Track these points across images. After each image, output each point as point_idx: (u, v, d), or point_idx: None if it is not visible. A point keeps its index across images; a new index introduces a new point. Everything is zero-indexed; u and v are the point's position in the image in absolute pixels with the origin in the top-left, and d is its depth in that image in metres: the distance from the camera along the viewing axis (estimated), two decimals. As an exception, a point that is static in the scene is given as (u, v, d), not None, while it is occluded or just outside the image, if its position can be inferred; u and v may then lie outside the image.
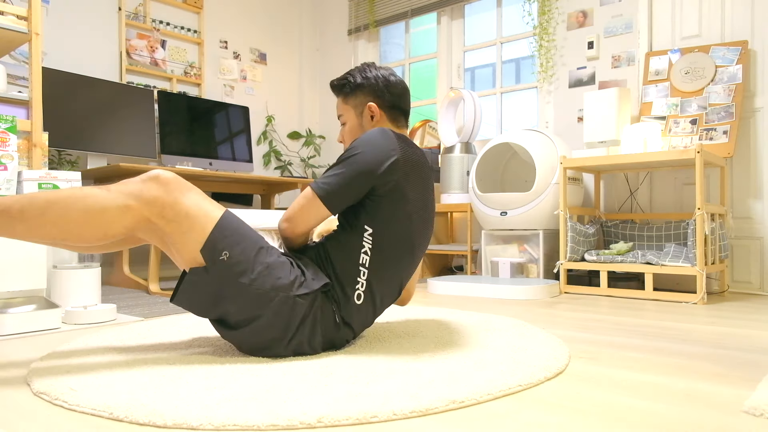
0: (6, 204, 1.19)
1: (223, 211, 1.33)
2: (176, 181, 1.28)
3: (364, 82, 1.60)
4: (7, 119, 2.12)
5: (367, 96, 1.60)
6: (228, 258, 1.28)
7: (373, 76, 1.60)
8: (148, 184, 1.26)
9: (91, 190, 1.24)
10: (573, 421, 0.94)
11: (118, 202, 1.23)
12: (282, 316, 1.31)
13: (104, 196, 1.23)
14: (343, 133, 1.65)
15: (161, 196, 1.25)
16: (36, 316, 1.75)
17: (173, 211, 1.26)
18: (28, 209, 1.19)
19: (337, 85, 1.64)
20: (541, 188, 3.09)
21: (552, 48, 3.58)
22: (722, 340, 1.67)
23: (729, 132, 2.85)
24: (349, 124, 1.62)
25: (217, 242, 1.28)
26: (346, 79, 1.62)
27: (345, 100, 1.63)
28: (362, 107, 1.60)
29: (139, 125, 3.48)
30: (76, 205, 1.21)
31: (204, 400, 1.01)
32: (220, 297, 1.30)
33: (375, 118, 1.59)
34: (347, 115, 1.63)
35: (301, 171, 4.76)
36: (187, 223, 1.27)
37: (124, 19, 3.65)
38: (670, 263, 2.61)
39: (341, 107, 1.64)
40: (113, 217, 1.23)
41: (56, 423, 0.93)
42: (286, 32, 4.75)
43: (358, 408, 0.96)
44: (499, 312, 2.19)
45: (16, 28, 2.25)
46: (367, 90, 1.60)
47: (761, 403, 1.00)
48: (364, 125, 1.60)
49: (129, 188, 1.26)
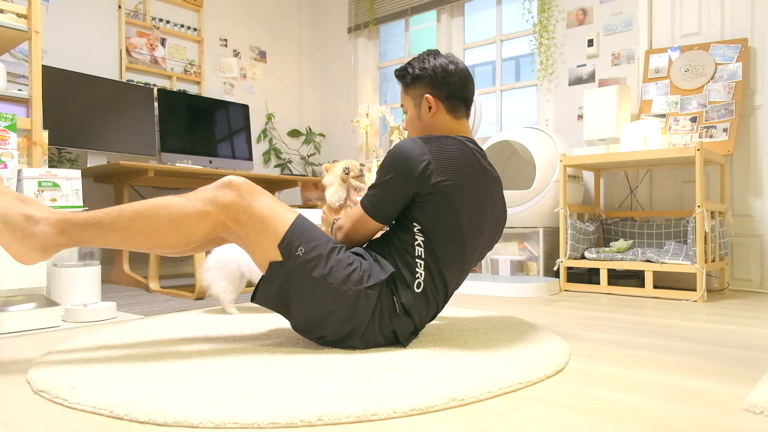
0: (98, 217, 1.31)
1: (297, 214, 1.43)
2: (248, 185, 1.38)
3: (421, 73, 1.59)
4: (6, 117, 2.12)
5: (425, 87, 1.59)
6: (303, 254, 1.35)
7: (431, 67, 1.58)
8: (222, 190, 1.35)
9: (172, 199, 1.35)
10: (573, 419, 0.94)
11: (196, 209, 1.33)
12: (355, 309, 1.36)
13: (183, 204, 1.33)
14: (405, 124, 1.68)
15: (236, 201, 1.35)
16: (36, 314, 1.75)
17: (247, 214, 1.35)
18: (118, 220, 1.30)
19: (398, 76, 1.65)
20: (541, 186, 3.09)
21: (552, 46, 3.57)
22: (722, 338, 1.67)
23: (729, 130, 2.84)
24: (409, 115, 1.64)
25: (294, 239, 1.36)
26: (406, 70, 1.62)
27: (405, 90, 1.64)
28: (420, 98, 1.60)
29: (139, 123, 3.48)
30: (159, 213, 1.32)
31: (204, 398, 1.01)
32: (296, 292, 1.36)
33: (432, 110, 1.58)
34: (407, 105, 1.64)
35: (301, 169, 4.76)
36: (261, 225, 1.36)
37: (123, 17, 3.64)
38: (670, 261, 2.61)
39: (403, 97, 1.65)
40: (193, 223, 1.33)
41: (56, 421, 0.93)
42: (286, 30, 4.75)
43: (358, 406, 0.97)
44: (499, 310, 2.19)
45: (16, 26, 2.24)
46: (425, 81, 1.59)
47: (761, 401, 1.00)
48: (422, 116, 1.60)
49: (205, 195, 1.35)
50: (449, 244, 1.45)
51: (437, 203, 1.43)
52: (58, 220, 1.29)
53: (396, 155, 1.44)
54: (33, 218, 1.28)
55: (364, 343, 1.42)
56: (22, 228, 1.27)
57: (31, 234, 1.28)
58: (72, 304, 2.01)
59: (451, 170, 1.44)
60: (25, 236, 1.28)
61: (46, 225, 1.28)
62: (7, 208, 1.28)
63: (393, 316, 1.42)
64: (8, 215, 1.27)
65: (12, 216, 1.27)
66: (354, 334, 1.40)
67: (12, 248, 1.28)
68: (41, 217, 1.29)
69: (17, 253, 1.29)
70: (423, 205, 1.43)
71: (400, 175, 1.42)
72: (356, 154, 4.64)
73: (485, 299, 2.55)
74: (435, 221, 1.44)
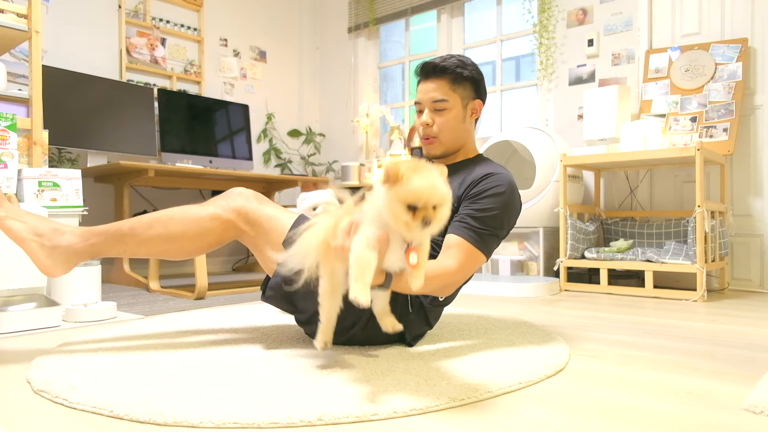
0: (117, 226, 1.40)
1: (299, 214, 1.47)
2: (255, 194, 1.48)
3: (477, 76, 1.53)
4: (7, 117, 2.12)
5: (473, 91, 1.54)
6: None
7: (479, 72, 1.54)
8: (231, 196, 1.45)
9: (186, 206, 1.44)
10: (573, 419, 0.94)
11: (208, 211, 1.41)
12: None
13: (197, 209, 1.42)
14: (434, 118, 1.52)
15: (244, 204, 1.43)
16: (36, 314, 1.75)
17: (255, 215, 1.42)
18: (137, 226, 1.39)
19: (446, 68, 1.50)
20: (541, 186, 3.09)
21: (552, 46, 3.57)
22: (722, 338, 1.67)
23: (729, 129, 2.84)
24: (453, 114, 1.51)
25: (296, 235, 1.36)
26: (462, 64, 1.51)
27: (453, 86, 1.50)
28: (468, 101, 1.53)
29: (139, 123, 3.48)
30: (174, 218, 1.40)
31: (204, 398, 1.01)
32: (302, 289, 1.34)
33: (473, 117, 1.56)
34: (453, 103, 1.51)
35: (301, 169, 4.76)
36: (268, 224, 1.41)
37: (124, 17, 3.64)
38: (670, 261, 2.61)
39: (446, 92, 1.50)
40: (206, 225, 1.40)
41: (56, 421, 0.93)
42: (286, 30, 4.74)
43: (358, 406, 0.97)
44: (499, 310, 2.19)
45: (16, 26, 2.24)
46: (476, 85, 1.54)
47: (761, 401, 1.00)
48: (466, 119, 1.55)
49: (217, 201, 1.45)
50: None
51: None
52: (82, 231, 1.39)
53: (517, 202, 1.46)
54: (59, 230, 1.37)
55: (365, 335, 1.41)
56: (50, 238, 1.35)
57: (57, 244, 1.35)
58: (72, 303, 2.01)
59: None
60: (53, 247, 1.35)
61: (71, 235, 1.37)
62: (36, 222, 1.37)
63: (404, 313, 1.40)
64: (38, 228, 1.36)
65: (41, 228, 1.36)
66: (356, 325, 1.39)
67: (39, 259, 1.34)
68: (67, 229, 1.38)
69: (44, 264, 1.35)
70: None
71: (514, 220, 1.47)
72: (356, 154, 4.64)
73: (485, 299, 2.55)
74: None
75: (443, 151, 1.57)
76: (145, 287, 2.89)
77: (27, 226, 1.35)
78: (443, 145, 1.56)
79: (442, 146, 1.56)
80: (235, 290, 2.77)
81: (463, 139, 1.57)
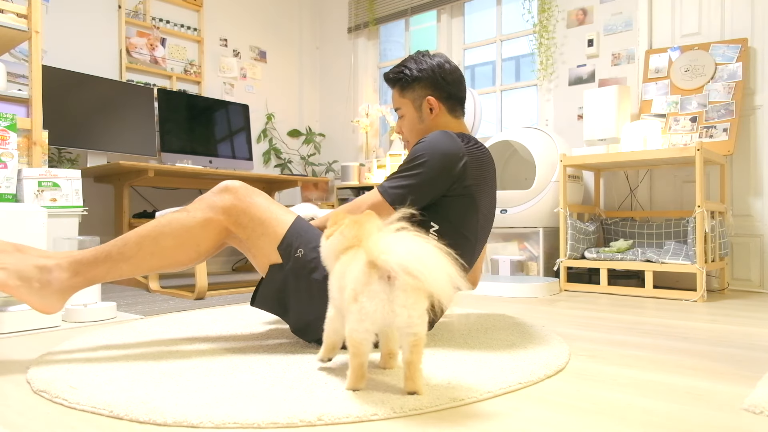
0: (106, 250, 1.31)
1: (296, 216, 1.41)
2: (244, 187, 1.38)
3: (420, 74, 1.55)
4: (6, 117, 2.12)
5: (425, 89, 1.56)
6: (302, 255, 1.33)
7: (430, 68, 1.56)
8: (219, 195, 1.36)
9: (172, 215, 1.35)
10: (573, 419, 0.94)
11: (198, 218, 1.33)
12: None
13: (185, 217, 1.34)
14: (401, 125, 1.62)
15: (234, 204, 1.35)
16: (36, 314, 1.75)
17: (247, 217, 1.35)
18: (125, 249, 1.31)
19: (392, 78, 1.59)
20: (541, 186, 3.09)
21: (552, 46, 3.57)
22: (722, 338, 1.67)
23: (729, 130, 2.84)
24: (408, 118, 1.60)
25: (293, 240, 1.35)
26: (402, 72, 1.57)
27: (402, 93, 1.59)
28: (420, 100, 1.57)
29: (139, 123, 3.48)
30: (163, 232, 1.32)
31: (204, 398, 1.01)
32: (295, 294, 1.35)
33: (434, 111, 1.57)
34: (405, 109, 1.60)
35: (301, 169, 4.76)
36: (261, 228, 1.35)
37: (124, 17, 3.64)
38: (670, 261, 2.61)
39: (398, 100, 1.60)
40: (199, 233, 1.34)
41: (56, 421, 0.93)
42: (286, 30, 4.75)
43: (357, 406, 0.97)
44: (499, 310, 2.19)
45: (16, 26, 2.24)
46: (425, 82, 1.56)
47: (761, 401, 1.00)
48: (423, 119, 1.57)
49: (204, 203, 1.36)
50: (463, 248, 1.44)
51: (463, 205, 1.42)
52: (69, 263, 1.30)
53: (432, 148, 1.40)
54: (45, 267, 1.29)
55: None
56: (38, 279, 1.28)
57: (47, 283, 1.28)
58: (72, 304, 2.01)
59: (479, 171, 1.44)
60: (42, 287, 1.28)
61: (59, 272, 1.29)
62: (18, 263, 1.27)
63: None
64: (22, 270, 1.27)
65: (26, 271, 1.27)
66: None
67: (32, 302, 1.28)
68: (53, 264, 1.30)
69: (39, 305, 1.28)
70: (446, 206, 1.41)
71: (435, 170, 1.38)
72: (356, 154, 4.64)
73: (485, 299, 2.55)
74: (456, 224, 1.42)
75: None
76: (145, 287, 2.89)
77: (8, 272, 1.25)
78: (411, 145, 1.63)
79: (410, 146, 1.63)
80: (235, 290, 2.77)
81: None
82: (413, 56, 1.59)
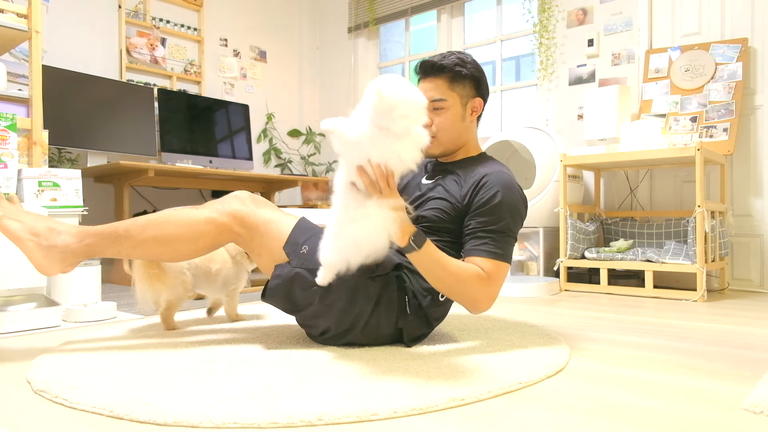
0: (113, 227, 1.39)
1: (300, 217, 1.47)
2: (252, 196, 1.47)
3: (476, 73, 1.51)
4: (7, 117, 2.12)
5: (474, 89, 1.52)
6: (308, 252, 1.37)
7: (481, 70, 1.53)
8: (228, 200, 1.44)
9: (182, 209, 1.43)
10: (573, 419, 0.94)
11: (203, 215, 1.39)
12: (354, 298, 1.36)
13: (192, 212, 1.40)
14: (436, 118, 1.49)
15: (240, 208, 1.41)
16: (36, 314, 1.75)
17: (251, 219, 1.41)
18: (132, 228, 1.38)
19: (444, 66, 1.47)
20: (541, 186, 3.09)
21: (552, 46, 3.57)
22: (722, 338, 1.67)
23: (729, 129, 2.84)
24: (451, 113, 1.49)
25: (298, 238, 1.39)
26: (462, 62, 1.49)
27: (452, 85, 1.48)
28: (468, 99, 1.51)
29: (139, 123, 3.48)
30: (169, 220, 1.39)
31: (204, 398, 1.01)
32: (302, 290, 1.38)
33: (474, 115, 1.55)
34: (451, 102, 1.49)
35: (301, 169, 4.76)
36: (265, 227, 1.41)
37: (124, 17, 3.64)
38: (670, 261, 2.61)
39: (444, 91, 1.48)
40: (201, 228, 1.39)
41: (56, 421, 0.93)
42: (286, 30, 4.74)
43: (358, 406, 0.97)
44: (499, 310, 2.19)
45: (16, 26, 2.24)
46: (476, 83, 1.52)
47: (761, 401, 1.00)
48: (465, 118, 1.53)
49: (213, 206, 1.43)
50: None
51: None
52: (78, 231, 1.38)
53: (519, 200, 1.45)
54: (55, 230, 1.37)
55: (365, 337, 1.42)
56: (47, 237, 1.36)
57: (53, 244, 1.36)
58: (72, 303, 2.01)
59: None
60: (49, 246, 1.35)
61: (67, 235, 1.37)
62: (33, 221, 1.38)
63: (401, 315, 1.41)
64: (34, 227, 1.37)
65: (38, 228, 1.37)
66: (355, 327, 1.39)
67: (36, 258, 1.35)
68: (63, 229, 1.38)
69: (40, 263, 1.36)
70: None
71: (522, 218, 1.48)
72: (356, 154, 4.63)
73: (485, 299, 2.55)
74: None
75: (442, 150, 1.55)
76: (145, 287, 2.89)
77: (24, 225, 1.36)
78: (442, 144, 1.53)
79: (441, 146, 1.54)
80: (235, 290, 2.76)
81: (464, 137, 1.56)
82: (460, 53, 1.52)
